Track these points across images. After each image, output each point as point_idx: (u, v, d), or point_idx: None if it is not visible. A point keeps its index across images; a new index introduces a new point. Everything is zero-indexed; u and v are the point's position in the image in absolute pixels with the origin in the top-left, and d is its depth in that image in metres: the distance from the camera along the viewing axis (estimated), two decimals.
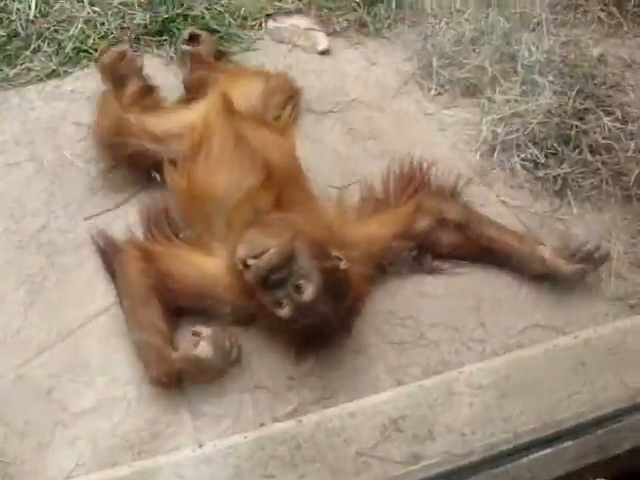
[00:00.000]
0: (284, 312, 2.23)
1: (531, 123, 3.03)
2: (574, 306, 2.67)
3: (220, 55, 3.28)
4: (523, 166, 3.00)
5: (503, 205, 2.92)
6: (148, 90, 3.05)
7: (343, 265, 2.32)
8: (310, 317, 2.26)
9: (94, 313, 2.55)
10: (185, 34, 3.19)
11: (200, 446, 2.22)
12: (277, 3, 3.31)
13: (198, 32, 3.22)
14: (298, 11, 3.30)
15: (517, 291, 2.71)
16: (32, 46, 3.11)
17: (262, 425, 2.28)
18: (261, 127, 2.74)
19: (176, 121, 2.83)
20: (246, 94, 2.84)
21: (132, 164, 2.79)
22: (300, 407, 2.33)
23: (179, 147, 2.72)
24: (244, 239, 2.29)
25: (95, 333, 2.51)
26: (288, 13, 3.30)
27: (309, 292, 2.22)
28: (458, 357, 2.50)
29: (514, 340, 2.57)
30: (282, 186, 2.50)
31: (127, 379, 2.37)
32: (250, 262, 2.22)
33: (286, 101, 2.93)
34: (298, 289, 2.22)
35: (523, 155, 3.01)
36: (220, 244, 2.48)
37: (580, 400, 2.40)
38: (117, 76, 2.97)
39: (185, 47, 3.17)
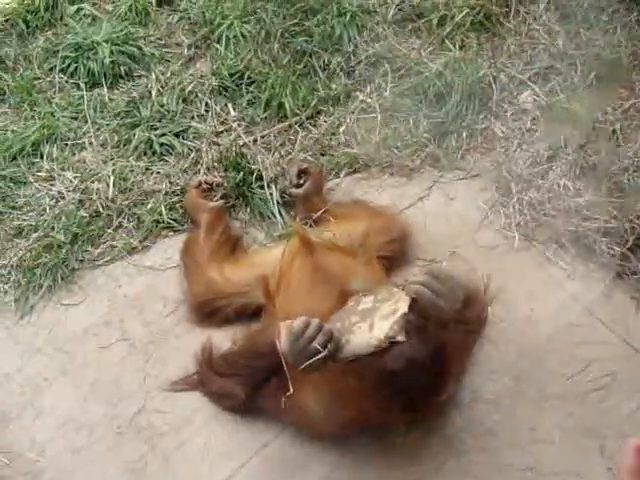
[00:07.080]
0: None
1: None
2: None
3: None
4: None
5: None
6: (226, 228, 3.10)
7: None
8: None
9: None
10: (293, 173, 3.14)
11: None
12: (349, 150, 3.31)
13: (305, 166, 3.15)
14: (366, 167, 3.29)
15: None
16: (114, 223, 3.16)
17: None
18: (343, 258, 2.74)
19: (260, 264, 2.88)
20: (349, 231, 2.86)
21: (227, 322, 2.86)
22: None
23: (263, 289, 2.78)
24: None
25: None
26: (357, 169, 3.29)
27: None
28: None
29: None
30: None
31: None
32: None
33: (389, 242, 2.92)
34: None
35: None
36: None
37: None
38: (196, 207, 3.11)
39: (296, 191, 3.11)
